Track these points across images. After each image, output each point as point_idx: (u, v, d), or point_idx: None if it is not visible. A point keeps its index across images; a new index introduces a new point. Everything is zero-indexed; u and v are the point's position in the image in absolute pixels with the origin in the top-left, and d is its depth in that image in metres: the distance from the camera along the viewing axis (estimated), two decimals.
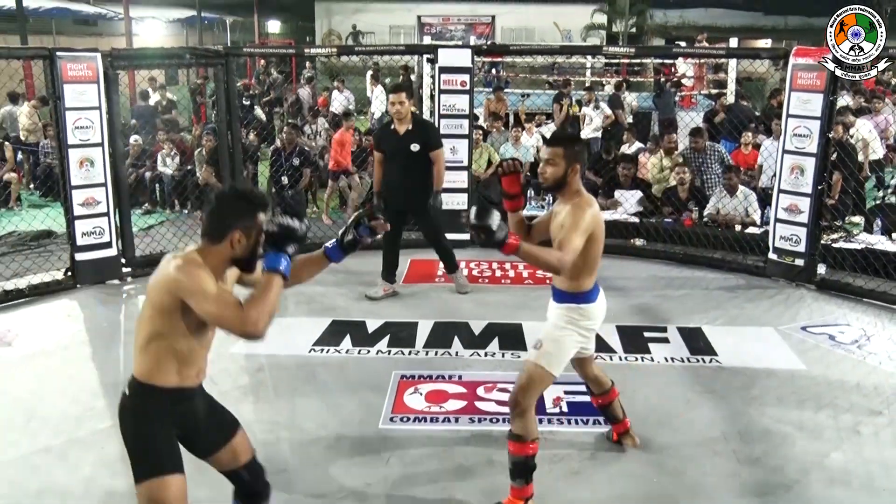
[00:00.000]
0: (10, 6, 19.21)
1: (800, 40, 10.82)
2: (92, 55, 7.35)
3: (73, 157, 7.28)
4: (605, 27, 32.24)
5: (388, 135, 7.18)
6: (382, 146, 7.23)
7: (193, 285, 2.86)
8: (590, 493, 4.22)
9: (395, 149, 7.04)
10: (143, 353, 3.00)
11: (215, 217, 2.97)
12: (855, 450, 4.71)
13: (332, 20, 34.62)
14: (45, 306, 7.02)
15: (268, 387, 5.52)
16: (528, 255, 3.67)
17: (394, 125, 7.10)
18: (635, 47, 15.97)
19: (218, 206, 2.99)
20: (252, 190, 3.20)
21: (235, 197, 3.01)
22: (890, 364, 5.92)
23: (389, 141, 7.13)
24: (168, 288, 2.88)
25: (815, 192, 7.41)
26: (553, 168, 3.95)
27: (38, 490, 4.27)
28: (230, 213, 2.96)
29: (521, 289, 7.58)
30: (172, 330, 2.96)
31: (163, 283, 2.89)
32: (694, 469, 4.43)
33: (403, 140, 6.98)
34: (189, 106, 16.83)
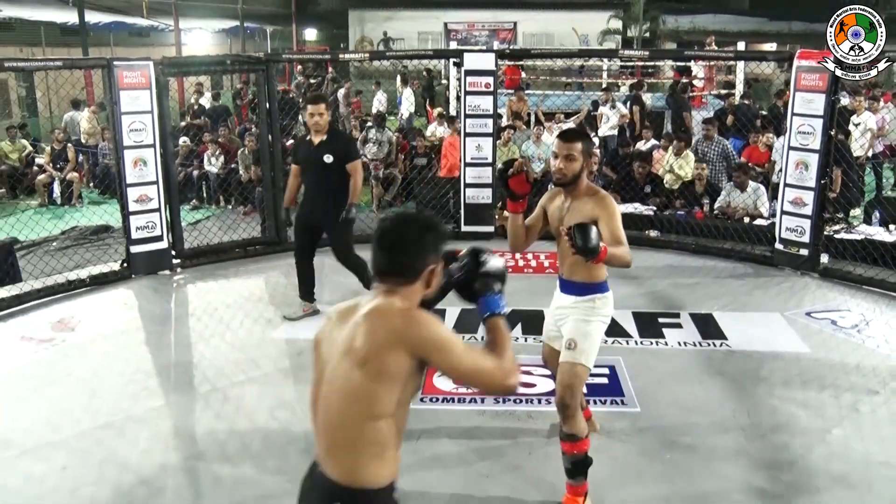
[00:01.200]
0: (74, 21, 19.61)
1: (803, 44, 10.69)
2: (145, 63, 7.42)
3: (128, 157, 7.36)
4: (620, 32, 31.99)
5: (304, 146, 6.46)
6: (298, 158, 6.53)
7: (436, 336, 2.19)
8: (607, 470, 4.22)
9: (309, 160, 6.30)
10: (359, 449, 2.21)
11: (409, 251, 2.28)
12: (854, 427, 4.70)
13: (365, 28, 34.59)
14: (104, 295, 7.10)
15: (307, 369, 5.50)
16: (612, 257, 3.57)
17: (310, 136, 6.38)
18: (649, 50, 15.87)
19: (410, 237, 2.29)
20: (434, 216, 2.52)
21: (426, 227, 2.34)
22: (887, 347, 5.88)
23: (304, 152, 6.39)
24: (402, 346, 2.15)
25: (819, 186, 7.35)
26: (573, 163, 3.80)
27: (101, 461, 4.35)
28: (425, 245, 2.31)
29: (543, 277, 7.57)
30: (399, 403, 2.21)
31: (390, 341, 2.15)
32: (705, 445, 4.42)
33: (317, 151, 6.22)
34: (231, 109, 16.98)
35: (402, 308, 2.23)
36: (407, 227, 2.31)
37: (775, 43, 26.64)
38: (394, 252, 2.29)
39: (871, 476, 4.18)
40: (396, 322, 2.18)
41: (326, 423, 2.25)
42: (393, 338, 2.16)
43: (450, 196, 9.43)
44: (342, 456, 2.22)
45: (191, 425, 4.80)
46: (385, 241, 2.29)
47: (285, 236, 8.42)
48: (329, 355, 2.28)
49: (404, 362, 2.16)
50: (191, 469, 4.30)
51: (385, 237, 2.29)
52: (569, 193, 3.89)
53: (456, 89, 10.34)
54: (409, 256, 2.29)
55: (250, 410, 4.92)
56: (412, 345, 2.16)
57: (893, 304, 6.78)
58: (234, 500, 4.02)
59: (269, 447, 4.50)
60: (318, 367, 2.34)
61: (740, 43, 21.57)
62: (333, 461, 2.23)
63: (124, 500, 4.00)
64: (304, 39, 35.53)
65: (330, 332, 2.33)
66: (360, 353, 2.16)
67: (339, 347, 2.23)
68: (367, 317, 2.22)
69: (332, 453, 2.24)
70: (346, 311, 2.33)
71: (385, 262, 2.30)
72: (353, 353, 2.18)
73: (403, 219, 2.36)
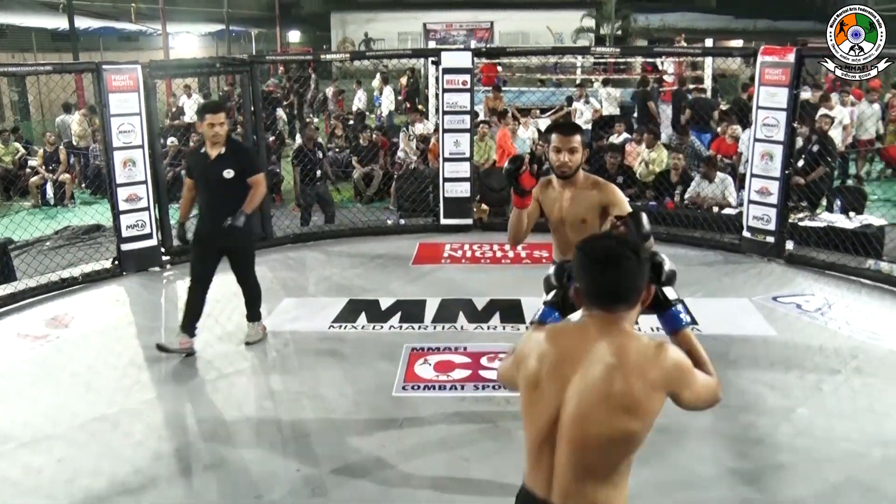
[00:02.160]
0: (64, 27, 19.52)
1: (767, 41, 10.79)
2: (133, 67, 7.35)
3: (117, 158, 7.29)
4: (593, 30, 32.07)
5: (200, 159, 5.56)
6: (192, 172, 5.67)
7: (689, 373, 2.12)
8: None
9: (207, 175, 5.46)
10: (615, 479, 2.11)
11: (633, 275, 2.13)
12: (818, 405, 4.75)
13: (347, 29, 34.52)
14: (96, 292, 7.05)
15: (293, 360, 5.55)
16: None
17: (205, 149, 5.52)
18: (621, 48, 15.91)
19: (634, 265, 2.12)
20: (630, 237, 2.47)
21: (639, 250, 2.17)
22: (848, 328, 5.93)
23: (199, 167, 5.55)
24: (665, 387, 2.07)
25: (784, 176, 7.39)
26: (576, 155, 3.77)
27: (96, 452, 4.33)
28: (644, 270, 2.17)
29: (520, 267, 7.57)
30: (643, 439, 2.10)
31: (657, 385, 2.05)
32: (677, 425, 4.42)
33: (216, 166, 5.40)
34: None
35: (657, 346, 2.09)
36: (628, 249, 2.14)
37: (741, 40, 26.76)
38: (623, 278, 2.12)
39: (833, 451, 4.23)
40: (661, 363, 2.07)
41: (579, 460, 2.08)
42: (658, 380, 2.06)
43: (429, 190, 9.43)
44: (596, 490, 2.09)
45: (182, 416, 4.78)
46: (611, 266, 2.11)
47: (271, 231, 8.40)
48: (562, 392, 2.11)
49: (661, 399, 2.09)
50: (183, 458, 4.29)
51: (609, 263, 2.11)
52: (566, 184, 3.86)
53: (434, 87, 10.31)
54: (636, 280, 2.14)
55: (239, 401, 4.91)
56: (671, 383, 2.09)
57: (854, 287, 6.83)
58: (224, 487, 4.02)
59: (257, 435, 4.50)
60: (544, 404, 2.15)
61: (708, 40, 21.66)
62: (584, 496, 2.10)
63: (119, 490, 3.99)
64: (287, 41, 35.42)
65: (554, 367, 2.14)
66: (626, 399, 2.03)
67: (588, 388, 2.07)
68: (625, 358, 2.06)
69: (583, 487, 2.09)
70: (568, 342, 2.17)
71: (613, 288, 2.13)
72: (615, 398, 2.03)
73: (619, 240, 2.21)
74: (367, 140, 11.56)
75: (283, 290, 7.00)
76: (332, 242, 8.53)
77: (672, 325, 2.31)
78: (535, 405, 2.18)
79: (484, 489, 3.94)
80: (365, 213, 9.46)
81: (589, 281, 2.15)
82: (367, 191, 11.18)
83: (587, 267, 2.15)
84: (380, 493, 3.93)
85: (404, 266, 7.66)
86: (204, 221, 5.60)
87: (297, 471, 4.12)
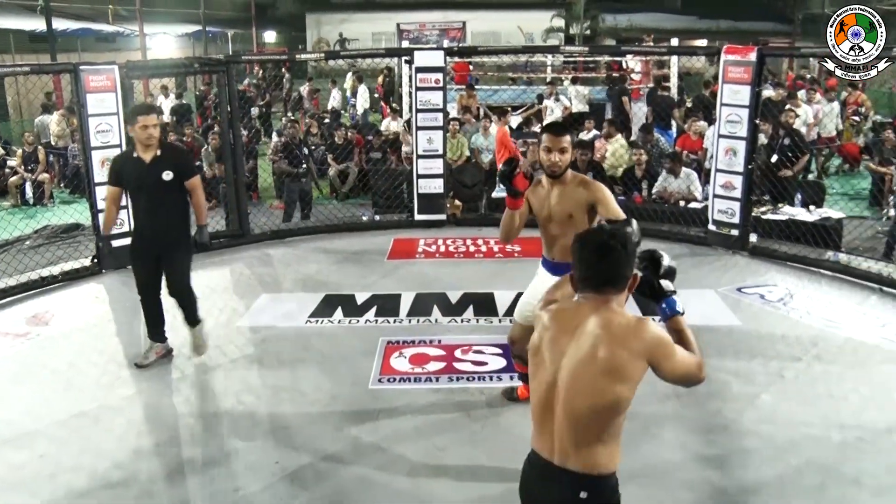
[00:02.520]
0: (42, 29, 19.25)
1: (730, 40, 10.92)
2: (110, 67, 7.28)
3: (95, 157, 7.22)
4: (563, 30, 32.16)
5: (133, 165, 5.12)
6: (122, 179, 5.18)
7: (666, 344, 2.34)
8: None
9: (143, 180, 5.09)
10: (603, 442, 2.34)
11: (624, 264, 2.36)
12: (780, 391, 4.83)
13: (322, 30, 34.32)
14: (76, 290, 6.98)
15: (270, 355, 5.53)
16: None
17: (137, 152, 5.11)
18: (589, 47, 15.99)
19: (623, 252, 2.35)
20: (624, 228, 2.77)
21: (629, 240, 2.40)
22: (809, 317, 6.02)
23: (134, 171, 5.12)
24: (644, 355, 2.30)
25: (747, 170, 7.46)
26: (566, 154, 3.91)
27: (78, 448, 4.31)
28: (632, 257, 2.40)
29: (493, 262, 7.60)
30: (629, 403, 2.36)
31: (636, 351, 2.28)
32: (644, 413, 4.46)
33: (152, 169, 5.06)
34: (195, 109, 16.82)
35: (638, 321, 2.33)
36: (618, 242, 2.36)
37: (705, 39, 26.95)
38: (612, 266, 2.36)
39: (795, 435, 4.30)
40: (641, 335, 2.30)
41: (573, 423, 2.32)
42: (639, 349, 2.29)
43: (403, 187, 9.44)
44: (589, 450, 2.32)
45: (162, 412, 4.76)
46: (603, 256, 2.36)
47: (248, 228, 8.36)
48: (559, 361, 2.36)
49: (643, 367, 2.31)
50: (163, 453, 4.27)
51: (602, 253, 2.36)
52: (555, 182, 3.97)
53: (408, 86, 10.31)
54: (624, 268, 2.37)
55: (217, 395, 4.90)
56: (651, 353, 2.30)
57: (815, 278, 6.92)
58: (203, 480, 4.02)
59: (235, 429, 4.49)
60: (544, 372, 2.39)
61: (674, 39, 21.80)
62: (579, 455, 2.32)
63: (100, 485, 3.97)
64: (263, 42, 35.19)
65: (553, 339, 2.40)
66: (610, 364, 2.27)
67: (579, 356, 2.31)
68: (610, 330, 2.30)
69: (578, 448, 2.32)
70: (565, 318, 2.41)
71: (604, 275, 2.37)
72: (600, 363, 2.27)
73: (611, 234, 2.42)
74: (343, 138, 11.55)
75: (261, 285, 6.97)
76: (309, 239, 8.51)
77: (666, 312, 2.50)
78: (536, 373, 2.43)
79: (459, 477, 3.97)
80: (340, 210, 9.44)
81: (584, 268, 2.40)
82: (342, 188, 11.17)
83: (583, 256, 2.39)
84: (357, 483, 3.95)
85: (379, 261, 7.66)
86: (142, 229, 5.29)
87: (275, 463, 4.12)
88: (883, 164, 9.56)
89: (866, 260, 7.01)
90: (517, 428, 4.39)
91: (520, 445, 4.19)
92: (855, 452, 4.15)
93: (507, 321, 5.90)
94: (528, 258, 7.40)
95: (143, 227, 5.28)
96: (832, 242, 7.55)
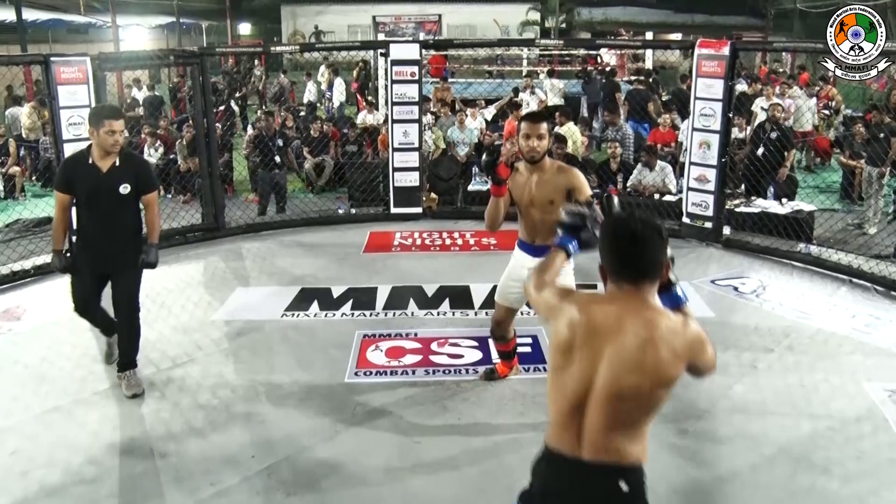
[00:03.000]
0: (12, 19, 19.00)
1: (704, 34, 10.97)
2: (82, 59, 7.18)
3: (67, 150, 7.06)
4: (538, 23, 32.27)
5: (87, 172, 4.56)
6: (76, 186, 4.59)
7: (705, 341, 2.33)
8: (529, 431, 4.31)
9: (98, 191, 4.56)
10: (641, 435, 2.31)
11: (658, 251, 2.34)
12: (753, 382, 4.89)
13: (297, 22, 34.19)
14: (48, 284, 6.88)
15: (246, 349, 5.50)
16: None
17: (92, 158, 4.55)
18: (564, 40, 16.03)
19: (658, 241, 2.34)
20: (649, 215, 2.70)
21: (661, 228, 2.37)
22: (781, 309, 6.10)
23: (88, 180, 4.55)
24: (689, 353, 2.28)
25: (720, 164, 7.53)
26: (544, 141, 4.11)
27: (51, 443, 4.26)
28: (665, 246, 2.38)
29: (469, 255, 7.60)
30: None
31: (682, 357, 2.26)
32: None
33: (108, 179, 4.54)
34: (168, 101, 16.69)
35: (682, 321, 2.32)
36: (653, 229, 2.33)
37: (680, 33, 27.15)
38: (649, 255, 2.32)
39: (767, 425, 4.36)
40: (686, 335, 2.27)
41: (613, 421, 2.26)
42: (683, 350, 2.25)
43: (379, 180, 9.42)
44: (626, 443, 2.27)
45: (137, 406, 4.71)
46: (639, 245, 2.31)
47: (223, 222, 8.31)
48: (597, 361, 2.27)
49: (684, 366, 2.28)
50: (138, 448, 4.23)
51: (638, 242, 2.31)
52: (534, 169, 4.17)
53: (384, 78, 10.29)
54: (661, 257, 2.35)
55: (193, 389, 4.86)
56: (691, 352, 2.28)
57: (787, 270, 7.01)
58: (180, 474, 3.99)
59: (211, 423, 4.46)
60: (577, 371, 2.30)
61: (648, 33, 21.94)
62: (616, 448, 2.26)
63: (74, 480, 3.93)
64: (238, 34, 34.95)
65: (589, 338, 2.30)
66: (658, 370, 2.23)
67: (622, 358, 2.24)
68: (657, 333, 2.25)
69: (615, 442, 2.26)
70: (601, 315, 2.31)
71: (642, 266, 2.32)
72: (648, 370, 2.23)
73: (643, 221, 2.36)
74: (318, 131, 11.51)
75: (236, 279, 6.94)
76: (284, 232, 8.47)
77: (674, 302, 2.52)
78: (565, 372, 2.32)
79: (435, 470, 3.98)
80: (316, 203, 9.41)
81: (617, 258, 2.34)
82: (318, 181, 11.13)
83: (618, 247, 2.34)
84: (333, 476, 3.94)
85: (355, 254, 7.64)
86: (89, 244, 4.69)
87: (252, 457, 4.10)
88: (853, 157, 9.67)
89: (837, 252, 7.11)
90: (494, 420, 4.42)
91: (496, 437, 4.24)
92: (825, 441, 4.21)
93: (484, 314, 5.93)
94: (505, 251, 7.37)
95: (90, 242, 4.67)
96: (804, 234, 7.65)
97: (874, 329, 5.71)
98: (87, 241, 4.69)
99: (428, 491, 3.83)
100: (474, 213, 8.69)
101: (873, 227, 8.67)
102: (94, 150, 4.56)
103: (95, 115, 4.55)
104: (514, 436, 4.28)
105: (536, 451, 2.37)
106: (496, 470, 3.96)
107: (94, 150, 4.56)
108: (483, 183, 9.53)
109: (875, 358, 5.24)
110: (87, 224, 4.66)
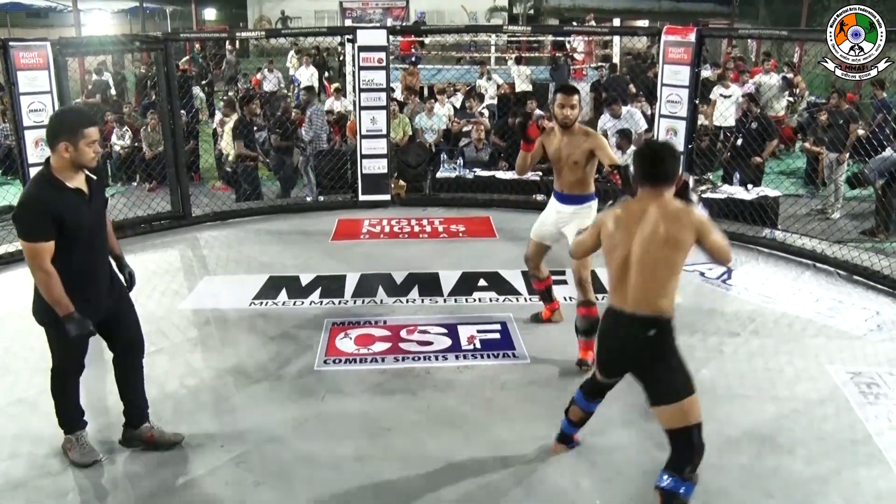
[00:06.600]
0: None
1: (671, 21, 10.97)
2: (42, 44, 7.06)
3: (28, 137, 7.02)
4: (506, 9, 32.20)
5: (69, 199, 3.54)
6: (66, 224, 3.50)
7: (709, 224, 3.23)
8: (500, 416, 4.34)
9: (88, 218, 3.63)
10: (666, 292, 3.20)
11: (671, 164, 3.25)
12: (719, 366, 4.96)
13: (263, 7, 33.76)
14: (12, 273, 6.80)
15: (214, 337, 5.46)
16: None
17: (65, 180, 3.55)
18: (532, 26, 15.95)
19: (675, 155, 3.30)
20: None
21: (675, 151, 3.34)
22: (746, 294, 6.19)
23: (78, 209, 3.57)
24: (694, 231, 3.16)
25: (687, 150, 7.58)
26: (575, 110, 4.81)
27: (15, 435, 4.21)
28: (678, 162, 3.28)
29: (437, 241, 7.59)
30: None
31: (689, 228, 3.16)
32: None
33: (94, 201, 3.70)
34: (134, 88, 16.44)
35: (686, 206, 3.25)
36: (668, 151, 3.31)
37: (647, 20, 27.25)
38: (665, 167, 3.24)
39: (733, 409, 4.42)
40: (692, 217, 3.19)
41: (645, 280, 3.20)
42: (688, 223, 3.17)
43: (347, 167, 9.38)
44: (657, 299, 3.20)
45: (104, 396, 4.66)
46: (661, 159, 3.26)
47: (189, 210, 8.23)
48: (631, 238, 3.23)
49: (692, 238, 3.17)
50: (105, 439, 4.19)
51: (660, 157, 3.27)
52: (566, 132, 4.86)
53: (351, 65, 10.21)
54: (674, 168, 3.25)
55: (161, 379, 4.81)
56: (698, 228, 3.18)
57: (752, 255, 7.10)
58: (149, 464, 3.96)
59: (179, 413, 4.44)
60: (620, 248, 3.27)
61: (616, 19, 21.99)
62: (649, 304, 3.20)
63: (39, 473, 3.89)
64: (203, 19, 34.49)
65: (624, 223, 3.28)
66: (669, 236, 3.16)
67: (646, 233, 3.19)
68: (667, 212, 3.19)
69: (648, 299, 3.20)
70: (631, 209, 3.29)
71: (659, 173, 3.24)
72: (662, 236, 3.16)
73: (663, 145, 3.58)
74: (287, 118, 11.39)
75: (203, 267, 6.89)
76: (252, 220, 8.42)
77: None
78: (613, 249, 3.32)
79: (405, 458, 3.98)
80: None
81: (644, 169, 3.27)
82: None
83: (643, 162, 3.29)
84: (303, 465, 3.93)
85: (324, 242, 7.61)
86: (90, 292, 3.72)
87: (220, 446, 4.08)
88: (817, 143, 9.79)
89: (801, 237, 7.21)
90: (462, 407, 4.44)
91: (465, 425, 4.25)
92: (789, 423, 4.28)
93: (452, 301, 5.94)
94: (473, 238, 7.44)
95: (86, 285, 3.71)
96: (769, 220, 7.74)
97: (837, 313, 5.81)
98: (86, 288, 3.71)
99: (399, 478, 3.83)
100: (443, 200, 8.69)
101: (836, 213, 8.81)
102: (64, 171, 3.56)
103: (71, 125, 3.54)
104: (483, 422, 4.30)
105: (506, 436, 2.38)
106: (465, 457, 3.97)
107: (63, 170, 3.56)
108: (451, 170, 9.52)
109: (838, 341, 5.34)
110: (83, 266, 3.68)
